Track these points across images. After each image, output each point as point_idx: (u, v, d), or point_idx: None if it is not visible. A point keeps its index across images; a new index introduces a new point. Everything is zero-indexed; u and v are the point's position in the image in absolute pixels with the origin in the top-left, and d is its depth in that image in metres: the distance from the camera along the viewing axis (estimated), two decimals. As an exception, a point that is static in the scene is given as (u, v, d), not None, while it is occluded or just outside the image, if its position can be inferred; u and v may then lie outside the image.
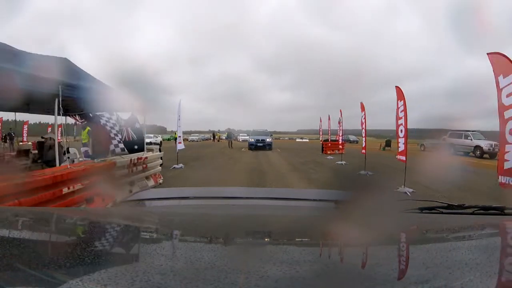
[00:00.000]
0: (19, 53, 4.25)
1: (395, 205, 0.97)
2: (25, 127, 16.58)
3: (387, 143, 20.07)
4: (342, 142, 14.06)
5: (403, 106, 6.60)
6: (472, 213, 0.94)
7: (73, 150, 6.35)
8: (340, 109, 13.33)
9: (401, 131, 6.65)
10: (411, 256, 0.54)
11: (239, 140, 28.32)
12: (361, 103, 9.45)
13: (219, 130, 49.35)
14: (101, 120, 5.70)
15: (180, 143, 9.80)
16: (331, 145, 15.80)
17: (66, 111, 5.30)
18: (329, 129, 16.69)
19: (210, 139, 39.04)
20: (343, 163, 11.06)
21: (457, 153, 15.08)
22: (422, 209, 0.95)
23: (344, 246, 0.58)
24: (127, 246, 0.63)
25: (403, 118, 6.56)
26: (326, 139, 17.29)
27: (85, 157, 6.93)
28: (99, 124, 5.68)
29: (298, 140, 51.44)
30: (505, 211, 0.92)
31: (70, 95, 4.53)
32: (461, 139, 15.80)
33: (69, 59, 5.13)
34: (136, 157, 5.65)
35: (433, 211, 0.95)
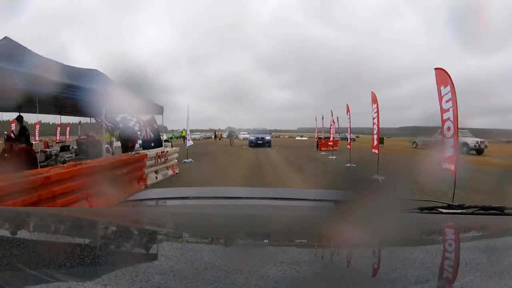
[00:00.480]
0: (64, 66, 5.39)
1: (395, 205, 0.96)
2: (37, 127, 17.74)
3: (381, 140, 21.34)
4: (334, 140, 15.37)
5: (376, 109, 7.87)
6: (472, 213, 0.93)
7: (106, 146, 7.58)
8: (331, 110, 14.32)
9: (374, 129, 8.03)
10: (411, 256, 0.53)
11: (239, 138, 29.57)
12: (373, 93, 8.07)
13: (219, 129, 50.42)
14: (129, 123, 6.93)
15: (189, 140, 11.21)
16: (324, 142, 17.24)
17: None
18: (322, 128, 18.19)
19: (211, 137, 40.05)
20: (333, 158, 12.30)
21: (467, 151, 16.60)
22: (422, 209, 0.95)
23: (344, 246, 0.58)
24: (127, 246, 0.63)
25: (377, 119, 7.88)
26: (322, 137, 18.64)
27: (106, 153, 8.16)
28: (129, 125, 6.91)
29: (297, 138, 52.40)
30: (505, 211, 0.91)
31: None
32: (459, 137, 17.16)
33: (99, 70, 6.31)
34: (160, 151, 6.90)
35: (433, 211, 0.95)
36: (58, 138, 16.21)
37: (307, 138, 48.06)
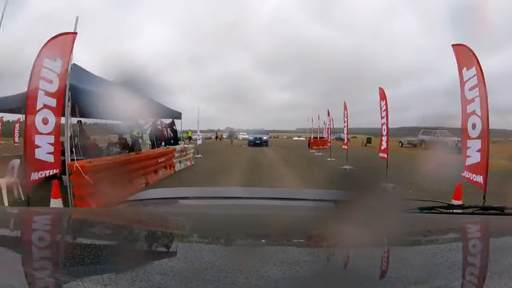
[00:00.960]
0: (110, 82, 6.75)
1: (395, 205, 0.96)
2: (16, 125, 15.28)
3: (368, 140, 22.86)
4: (324, 139, 16.87)
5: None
6: (472, 213, 0.94)
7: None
8: (328, 109, 15.20)
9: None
10: (411, 256, 0.54)
11: (239, 138, 31.00)
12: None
13: (218, 129, 52.03)
14: (157, 126, 8.42)
15: (199, 139, 14.05)
16: (314, 141, 19.16)
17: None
18: (318, 129, 19.77)
19: (211, 138, 41.50)
20: (319, 154, 14.54)
21: (427, 148, 17.26)
22: (422, 209, 0.95)
23: (344, 246, 0.58)
24: (127, 246, 0.62)
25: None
26: (316, 137, 20.13)
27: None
28: (160, 126, 8.55)
29: (295, 138, 53.90)
30: (505, 211, 0.91)
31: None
32: (430, 135, 18.27)
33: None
34: (182, 147, 9.20)
35: (433, 211, 0.95)
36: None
37: (304, 139, 49.99)
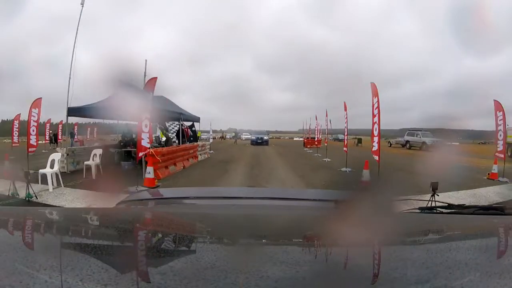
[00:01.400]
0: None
1: (395, 205, 0.96)
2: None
3: (359, 140, 25.46)
4: (318, 139, 19.60)
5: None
6: (472, 213, 0.93)
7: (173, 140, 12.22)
8: (326, 110, 16.06)
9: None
10: (411, 256, 0.54)
11: (242, 138, 34.09)
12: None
13: (220, 130, 55.64)
14: (183, 127, 11.36)
15: (211, 138, 17.44)
16: (308, 141, 22.54)
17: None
18: (309, 130, 22.57)
19: (215, 138, 45.45)
20: (310, 152, 17.33)
21: (412, 147, 19.73)
22: (422, 209, 0.95)
23: (344, 246, 0.58)
24: (127, 246, 0.63)
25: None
26: (313, 137, 22.94)
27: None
28: (186, 128, 11.80)
29: (295, 139, 56.93)
30: (505, 211, 0.91)
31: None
32: (414, 136, 20.84)
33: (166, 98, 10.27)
34: (202, 143, 12.90)
35: (433, 211, 0.95)
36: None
37: (303, 139, 52.93)
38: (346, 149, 9.22)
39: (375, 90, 6.65)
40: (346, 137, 10.15)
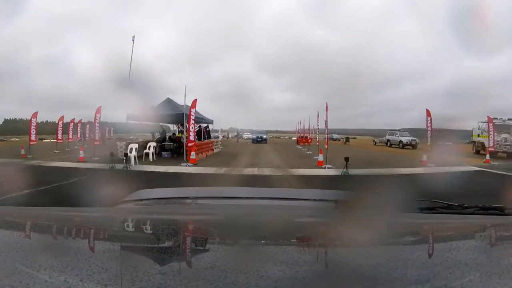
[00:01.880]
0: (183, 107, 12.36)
1: (395, 205, 0.96)
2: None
3: (347, 139, 29.03)
4: (309, 138, 23.05)
5: (326, 113, 10.72)
6: (472, 213, 0.94)
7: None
8: (318, 111, 17.27)
9: (317, 130, 13.29)
10: (411, 256, 0.54)
11: (243, 137, 37.81)
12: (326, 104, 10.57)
13: (221, 129, 60.99)
14: (201, 128, 14.66)
15: (219, 137, 21.44)
16: (300, 139, 25.91)
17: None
18: (301, 129, 26.13)
19: (218, 137, 50.19)
20: (300, 147, 20.53)
21: (392, 145, 22.91)
22: (422, 209, 0.95)
23: (344, 246, 0.58)
24: (127, 246, 0.63)
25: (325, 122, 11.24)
26: (302, 136, 26.37)
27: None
28: (203, 129, 15.00)
29: (293, 138, 60.88)
30: (505, 211, 0.91)
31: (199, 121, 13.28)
32: (393, 136, 24.36)
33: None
34: (216, 140, 17.51)
35: (433, 211, 0.95)
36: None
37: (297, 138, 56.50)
38: (327, 146, 10.85)
39: (327, 107, 10.79)
40: (328, 136, 12.63)
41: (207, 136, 15.88)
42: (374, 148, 22.48)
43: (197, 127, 13.88)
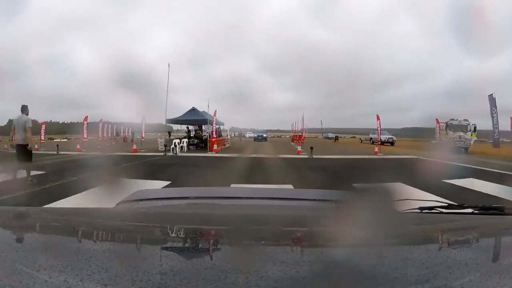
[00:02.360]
0: (202, 112, 17.81)
1: (395, 205, 0.97)
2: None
3: (336, 138, 33.82)
4: (301, 136, 27.60)
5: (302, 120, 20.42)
6: (472, 213, 0.94)
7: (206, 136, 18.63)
8: (303, 113, 24.22)
9: (296, 130, 24.46)
10: (411, 256, 0.54)
11: (246, 136, 42.86)
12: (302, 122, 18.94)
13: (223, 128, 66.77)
14: (219, 129, 18.88)
15: (227, 136, 25.13)
16: (294, 137, 30.37)
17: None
18: (296, 128, 30.88)
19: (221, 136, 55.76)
20: (293, 144, 24.13)
21: (374, 142, 26.85)
22: (422, 209, 0.95)
23: (344, 246, 0.58)
24: (127, 246, 0.63)
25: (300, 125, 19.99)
26: (297, 134, 30.90)
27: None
28: (219, 129, 19.03)
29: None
30: (505, 211, 0.92)
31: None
32: (374, 134, 28.80)
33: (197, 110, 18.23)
34: (228, 137, 23.78)
35: (433, 211, 0.95)
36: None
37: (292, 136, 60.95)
38: (303, 141, 17.70)
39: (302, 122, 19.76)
40: (304, 134, 18.52)
41: (219, 135, 19.93)
42: (356, 145, 26.67)
43: (216, 127, 18.56)
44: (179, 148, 14.10)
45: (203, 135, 17.74)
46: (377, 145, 16.00)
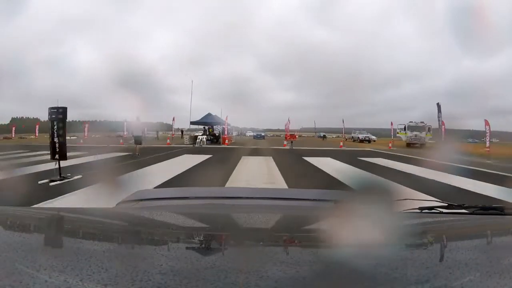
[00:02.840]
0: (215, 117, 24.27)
1: (395, 205, 0.97)
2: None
3: (324, 136, 39.82)
4: (293, 135, 32.80)
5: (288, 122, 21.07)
6: (472, 213, 0.95)
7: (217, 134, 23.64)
8: (288, 117, 25.92)
9: (287, 130, 21.91)
10: (411, 256, 0.54)
11: (246, 135, 49.04)
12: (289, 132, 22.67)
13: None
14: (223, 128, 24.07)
15: (233, 135, 30.18)
16: (287, 136, 34.42)
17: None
18: (288, 128, 36.73)
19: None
20: (285, 142, 27.23)
21: (355, 140, 32.01)
22: (422, 209, 0.96)
23: (344, 246, 0.58)
24: (127, 246, 0.63)
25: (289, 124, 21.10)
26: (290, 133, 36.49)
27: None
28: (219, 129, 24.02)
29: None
30: (505, 211, 0.92)
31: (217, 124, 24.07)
32: (355, 134, 34.84)
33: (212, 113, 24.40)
34: (233, 135, 29.03)
35: (433, 211, 0.96)
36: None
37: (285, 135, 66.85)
38: (288, 139, 19.39)
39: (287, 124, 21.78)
40: (288, 133, 21.21)
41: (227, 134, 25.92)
42: (338, 142, 31.99)
43: (220, 128, 24.53)
44: (201, 142, 20.15)
45: (215, 133, 23.80)
46: (342, 141, 22.23)
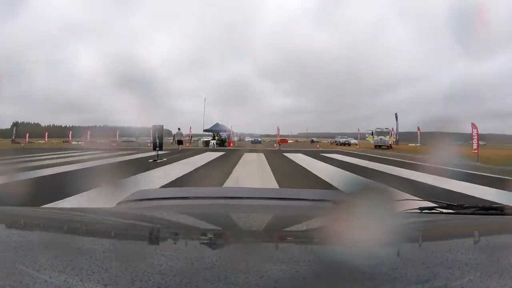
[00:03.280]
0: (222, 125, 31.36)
1: (394, 205, 0.96)
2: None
3: (312, 141, 44.97)
4: (285, 140, 39.40)
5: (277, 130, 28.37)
6: (472, 213, 0.94)
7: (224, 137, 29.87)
8: (278, 126, 31.26)
9: (278, 136, 28.77)
10: (411, 256, 0.54)
11: (245, 140, 55.38)
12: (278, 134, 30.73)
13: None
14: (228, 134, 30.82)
15: (236, 139, 38.29)
16: (279, 140, 38.50)
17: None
18: (278, 134, 43.68)
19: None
20: (276, 145, 29.62)
21: (338, 144, 35.67)
22: (422, 209, 0.96)
23: (344, 246, 0.58)
24: (127, 246, 0.63)
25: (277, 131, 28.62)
26: (282, 138, 43.04)
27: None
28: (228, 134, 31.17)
29: (290, 141, 76.73)
30: (505, 211, 0.92)
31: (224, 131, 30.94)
32: (338, 138, 39.70)
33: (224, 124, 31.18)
34: (235, 140, 36.42)
35: (433, 211, 0.96)
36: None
37: (292, 141, 70.77)
38: (279, 143, 25.59)
39: (278, 130, 29.10)
40: (279, 138, 27.35)
41: (229, 139, 29.73)
42: (322, 145, 35.31)
43: (225, 134, 30.87)
44: (212, 145, 25.59)
45: (222, 138, 30.17)
46: (320, 144, 29.01)
